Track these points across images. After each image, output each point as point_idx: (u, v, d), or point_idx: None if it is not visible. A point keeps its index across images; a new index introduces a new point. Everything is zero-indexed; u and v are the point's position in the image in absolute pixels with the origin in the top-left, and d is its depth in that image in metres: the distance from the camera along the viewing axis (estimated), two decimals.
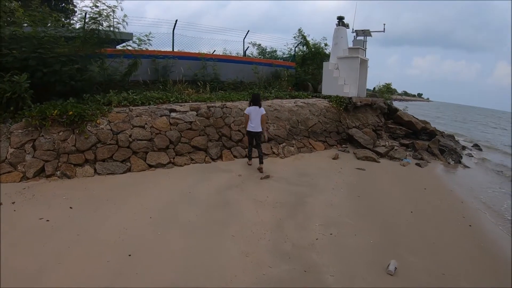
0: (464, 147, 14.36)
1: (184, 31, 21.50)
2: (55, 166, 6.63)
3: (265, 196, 6.26)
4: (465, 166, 10.95)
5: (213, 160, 8.27)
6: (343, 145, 11.24)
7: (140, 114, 7.96)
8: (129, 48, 10.64)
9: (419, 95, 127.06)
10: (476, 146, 15.85)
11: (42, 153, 6.63)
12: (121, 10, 9.53)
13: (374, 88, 23.36)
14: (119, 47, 11.17)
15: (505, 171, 11.40)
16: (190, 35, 14.12)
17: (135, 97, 8.80)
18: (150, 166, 7.42)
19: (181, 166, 7.70)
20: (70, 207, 5.27)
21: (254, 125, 7.85)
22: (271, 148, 9.40)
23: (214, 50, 15.78)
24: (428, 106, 70.55)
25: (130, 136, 7.54)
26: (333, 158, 9.64)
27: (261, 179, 7.21)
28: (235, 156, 8.65)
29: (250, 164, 8.13)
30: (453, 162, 11.11)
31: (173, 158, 7.80)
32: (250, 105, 7.98)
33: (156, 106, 8.53)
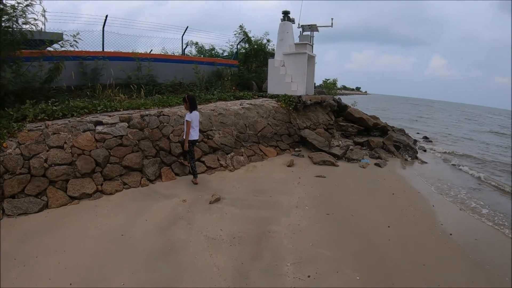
0: (415, 141, 14.34)
1: (121, 29, 19.51)
2: None
3: (219, 228, 4.95)
4: (423, 162, 10.79)
5: (151, 181, 6.73)
6: (296, 149, 10.27)
7: (57, 131, 6.22)
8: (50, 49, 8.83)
9: (358, 88, 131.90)
10: (426, 138, 16.01)
11: None
12: (40, 3, 7.83)
13: (314, 84, 23.01)
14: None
15: (459, 162, 11.40)
16: (127, 33, 12.43)
17: (54, 108, 7.04)
18: (73, 198, 5.72)
19: (111, 194, 6.06)
20: None
21: (197, 131, 6.93)
22: (218, 160, 8.08)
23: (151, 50, 14.21)
24: (367, 99, 73.27)
25: (45, 160, 5.79)
26: (288, 165, 8.62)
27: (210, 203, 5.87)
28: (176, 174, 7.19)
29: (197, 183, 6.79)
30: (410, 158, 10.85)
31: (101, 184, 6.16)
32: (191, 110, 6.75)
33: (78, 119, 6.80)
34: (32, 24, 7.81)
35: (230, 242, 4.58)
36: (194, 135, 6.78)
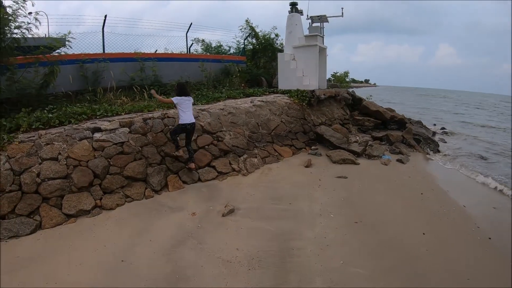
0: (434, 133, 13.60)
1: (125, 29, 19.12)
2: None
3: (234, 248, 4.31)
4: (445, 155, 10.14)
5: (156, 192, 6.12)
6: (313, 147, 9.59)
7: (51, 141, 5.65)
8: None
9: (366, 81, 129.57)
10: (443, 129, 15.26)
11: None
12: (32, 6, 7.42)
13: None
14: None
15: (486, 155, 10.74)
16: (130, 34, 11.96)
17: (50, 115, 6.52)
18: (69, 216, 5.14)
19: (111, 209, 5.45)
20: None
21: (190, 115, 6.59)
22: (230, 163, 7.45)
23: (156, 50, 13.64)
24: (377, 91, 71.88)
25: (38, 175, 5.24)
26: (306, 166, 7.97)
27: (223, 216, 5.23)
28: (184, 182, 6.58)
29: (193, 168, 6.76)
30: (432, 152, 10.21)
31: (100, 199, 5.56)
32: (178, 95, 6.54)
33: (75, 126, 6.24)
34: (25, 29, 7.39)
35: (248, 265, 3.94)
36: (186, 118, 6.43)
